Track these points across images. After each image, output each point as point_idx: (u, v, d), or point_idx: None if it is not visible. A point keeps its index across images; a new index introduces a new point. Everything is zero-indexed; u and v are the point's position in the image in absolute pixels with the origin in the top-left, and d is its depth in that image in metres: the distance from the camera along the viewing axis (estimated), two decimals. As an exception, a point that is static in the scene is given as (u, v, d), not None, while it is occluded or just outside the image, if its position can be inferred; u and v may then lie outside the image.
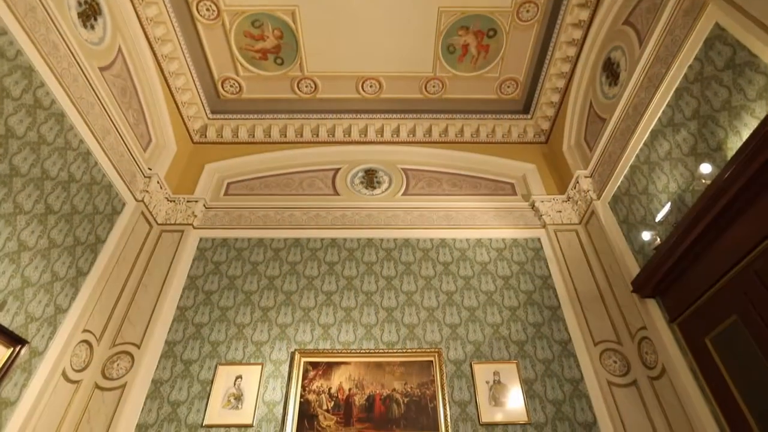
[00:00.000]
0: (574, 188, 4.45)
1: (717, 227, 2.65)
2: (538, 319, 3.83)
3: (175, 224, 4.40)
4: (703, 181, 2.75)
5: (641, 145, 3.55)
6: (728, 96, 2.68)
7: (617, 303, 3.73)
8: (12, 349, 2.79)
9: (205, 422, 3.23)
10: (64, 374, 3.21)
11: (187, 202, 4.54)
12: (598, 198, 4.17)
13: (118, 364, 3.47)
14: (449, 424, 3.21)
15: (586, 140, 4.53)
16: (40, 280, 3.04)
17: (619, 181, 3.85)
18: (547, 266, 4.19)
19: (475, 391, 3.37)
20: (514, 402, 3.33)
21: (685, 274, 3.00)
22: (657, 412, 3.19)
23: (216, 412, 3.27)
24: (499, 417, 3.27)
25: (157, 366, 3.52)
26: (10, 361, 2.78)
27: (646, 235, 3.33)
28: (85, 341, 3.44)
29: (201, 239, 4.39)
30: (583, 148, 4.60)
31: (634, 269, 3.55)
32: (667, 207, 3.17)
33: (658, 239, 3.23)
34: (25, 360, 2.92)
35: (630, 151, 3.69)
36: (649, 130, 3.44)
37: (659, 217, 3.24)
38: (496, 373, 3.46)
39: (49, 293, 3.13)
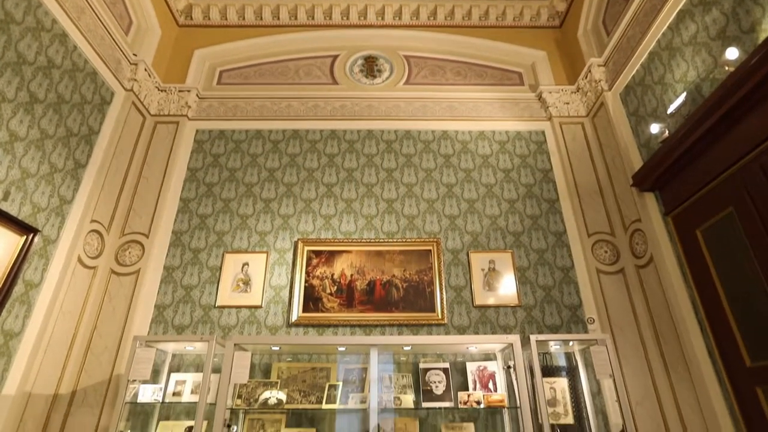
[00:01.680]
0: (585, 78, 4.22)
1: (731, 119, 2.55)
2: (535, 211, 3.90)
3: (169, 115, 4.26)
4: (726, 68, 2.58)
5: (665, 28, 3.27)
6: (773, -33, 2.38)
7: (615, 196, 3.77)
8: (25, 237, 2.89)
9: (218, 304, 3.48)
10: (80, 261, 3.37)
11: (179, 92, 4.33)
12: (610, 89, 3.97)
13: (129, 252, 3.63)
14: (445, 306, 3.46)
15: (605, 23, 4.16)
16: (39, 171, 3.03)
17: (635, 70, 3.62)
18: (549, 160, 4.15)
19: (470, 278, 3.58)
20: (507, 287, 3.55)
21: (688, 167, 2.97)
22: (639, 297, 3.41)
23: (227, 295, 3.50)
24: (491, 300, 3.51)
25: (167, 254, 3.68)
26: (26, 248, 2.89)
27: (654, 128, 3.24)
28: (95, 231, 3.54)
29: (197, 131, 4.28)
30: (599, 33, 4.25)
31: (637, 163, 3.52)
32: (682, 98, 3.02)
33: (667, 132, 3.14)
34: (40, 247, 3.04)
35: (651, 35, 3.41)
36: (677, 10, 3.14)
37: (672, 108, 3.11)
38: (491, 262, 3.63)
39: (51, 184, 3.14)
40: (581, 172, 4.00)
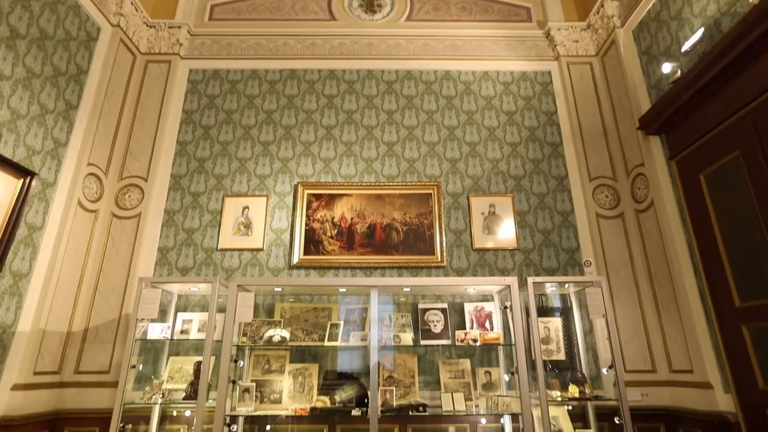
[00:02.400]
0: (597, 14, 3.99)
1: (749, 56, 2.44)
2: (537, 155, 3.85)
3: (160, 54, 4.08)
4: (750, 0, 2.42)
5: (686, -45, 3.04)
6: None
7: (620, 140, 3.70)
8: (22, 180, 2.87)
9: (220, 246, 3.52)
10: (80, 204, 3.37)
11: (170, 28, 4.12)
12: (622, 25, 3.77)
13: (129, 196, 3.62)
14: (444, 249, 3.51)
15: (622, -49, 3.87)
16: (30, 112, 2.95)
17: (650, 4, 3.42)
18: (554, 102, 4.03)
19: (470, 221, 3.60)
20: (506, 231, 3.58)
21: (698, 109, 2.89)
22: (636, 241, 3.45)
23: (228, 238, 3.54)
24: (490, 244, 3.56)
25: (167, 197, 3.67)
26: (25, 191, 2.88)
27: (666, 68, 3.11)
28: (93, 174, 3.51)
29: (191, 71, 4.12)
30: (616, -38, 3.97)
31: (645, 105, 3.42)
32: (699, 34, 2.87)
33: (679, 72, 3.02)
34: (39, 191, 3.03)
35: (671, -36, 3.18)
36: (701, -64, 2.90)
37: (687, 45, 2.96)
38: (491, 206, 3.63)
39: (44, 126, 3.07)
40: (586, 115, 3.90)
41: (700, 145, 2.89)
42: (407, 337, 3.15)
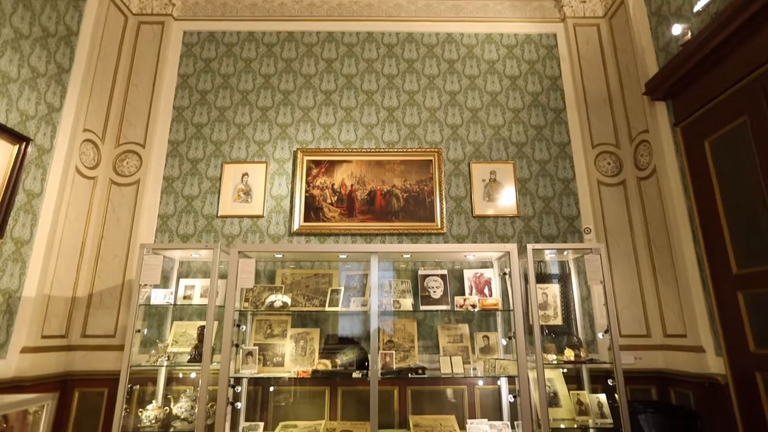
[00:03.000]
0: (607, -29, 3.83)
1: (762, 17, 2.35)
2: (540, 121, 3.78)
3: (152, 14, 3.94)
4: (766, -44, 2.31)
5: None
6: None
7: (624, 106, 3.63)
8: (18, 145, 2.83)
9: (220, 213, 3.52)
10: (78, 171, 3.34)
11: (160, -14, 3.96)
12: (633, -16, 3.62)
13: (127, 162, 3.59)
14: (444, 216, 3.51)
15: None
16: (21, 75, 2.88)
17: (663, -39, 3.27)
18: (559, 66, 3.93)
19: (470, 188, 3.58)
20: (507, 198, 3.57)
21: (706, 73, 2.81)
22: (636, 209, 3.44)
23: (228, 205, 3.53)
24: (490, 211, 3.55)
25: (165, 164, 3.64)
26: (21, 157, 2.85)
27: (676, 29, 3.01)
28: (89, 140, 3.46)
29: (185, 33, 3.99)
30: None
31: (653, 69, 3.33)
32: (711, -7, 2.76)
33: (690, 34, 2.92)
34: (35, 157, 3.00)
35: None
36: None
37: (699, 5, 2.85)
38: (492, 173, 3.61)
39: (36, 90, 3.00)
40: (591, 80, 3.80)
41: (706, 111, 2.84)
42: (407, 303, 3.20)
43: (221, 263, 3.15)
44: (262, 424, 3.07)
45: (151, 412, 2.97)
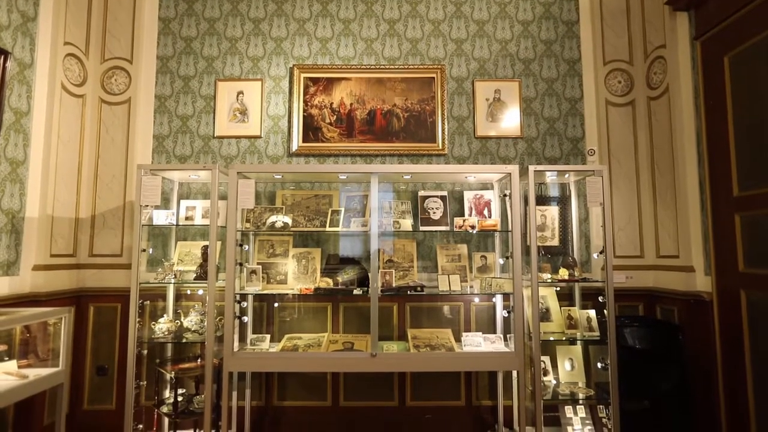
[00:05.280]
0: None
1: None
2: (551, 35, 3.55)
3: None
4: None
5: None
6: None
7: (643, 17, 3.39)
8: (-4, 59, 2.69)
9: (216, 134, 3.44)
10: (64, 88, 3.20)
11: None
12: None
13: (115, 80, 3.42)
14: (446, 136, 3.42)
15: None
16: (-11, -21, 2.65)
17: None
18: (575, -28, 3.61)
19: (473, 108, 3.46)
20: (510, 119, 3.46)
21: (736, -22, 2.58)
22: (644, 130, 3.36)
23: (224, 125, 3.44)
24: (493, 132, 3.46)
25: (156, 82, 3.47)
26: (1, 72, 2.72)
27: (709, -74, 2.71)
28: (72, 55, 3.28)
29: (164, -69, 3.60)
30: None
31: (677, -25, 3.06)
32: None
33: (723, -69, 2.63)
34: (17, 72, 2.87)
35: None
36: None
37: None
38: (497, 91, 3.46)
39: (7, -3, 2.78)
40: (610, -12, 3.51)
41: (731, 23, 2.65)
42: (407, 224, 3.23)
43: (221, 184, 3.13)
44: (268, 336, 3.24)
45: (163, 325, 3.14)
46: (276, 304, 3.33)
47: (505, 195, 3.19)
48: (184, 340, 3.11)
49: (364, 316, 3.12)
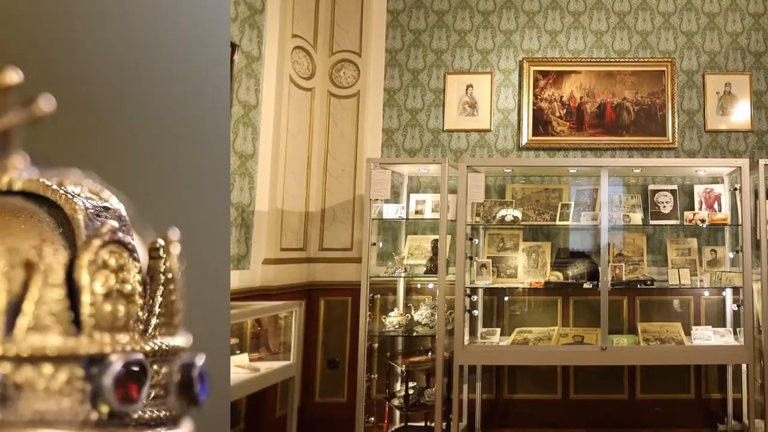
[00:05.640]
0: None
1: None
2: (783, 28, 3.53)
3: None
4: None
5: None
6: None
7: None
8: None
9: (446, 127, 3.43)
10: (292, 81, 3.20)
11: None
12: None
13: (344, 73, 3.41)
14: (676, 130, 3.41)
15: None
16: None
17: None
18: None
19: (704, 101, 3.44)
20: (741, 112, 3.46)
21: None
22: None
23: (454, 119, 3.43)
24: (723, 125, 3.46)
25: (385, 75, 3.46)
26: (229, 64, 2.68)
27: None
28: (301, 48, 3.27)
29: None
30: None
31: None
32: None
33: None
34: (244, 64, 2.84)
35: None
36: None
37: None
38: (727, 84, 3.45)
39: (243, -11, 2.76)
40: None
41: None
42: (637, 217, 3.23)
43: (450, 178, 3.12)
44: (498, 329, 3.26)
45: (394, 318, 3.15)
46: (506, 298, 3.33)
47: (735, 189, 3.18)
48: (414, 334, 3.12)
49: (594, 310, 3.13)
